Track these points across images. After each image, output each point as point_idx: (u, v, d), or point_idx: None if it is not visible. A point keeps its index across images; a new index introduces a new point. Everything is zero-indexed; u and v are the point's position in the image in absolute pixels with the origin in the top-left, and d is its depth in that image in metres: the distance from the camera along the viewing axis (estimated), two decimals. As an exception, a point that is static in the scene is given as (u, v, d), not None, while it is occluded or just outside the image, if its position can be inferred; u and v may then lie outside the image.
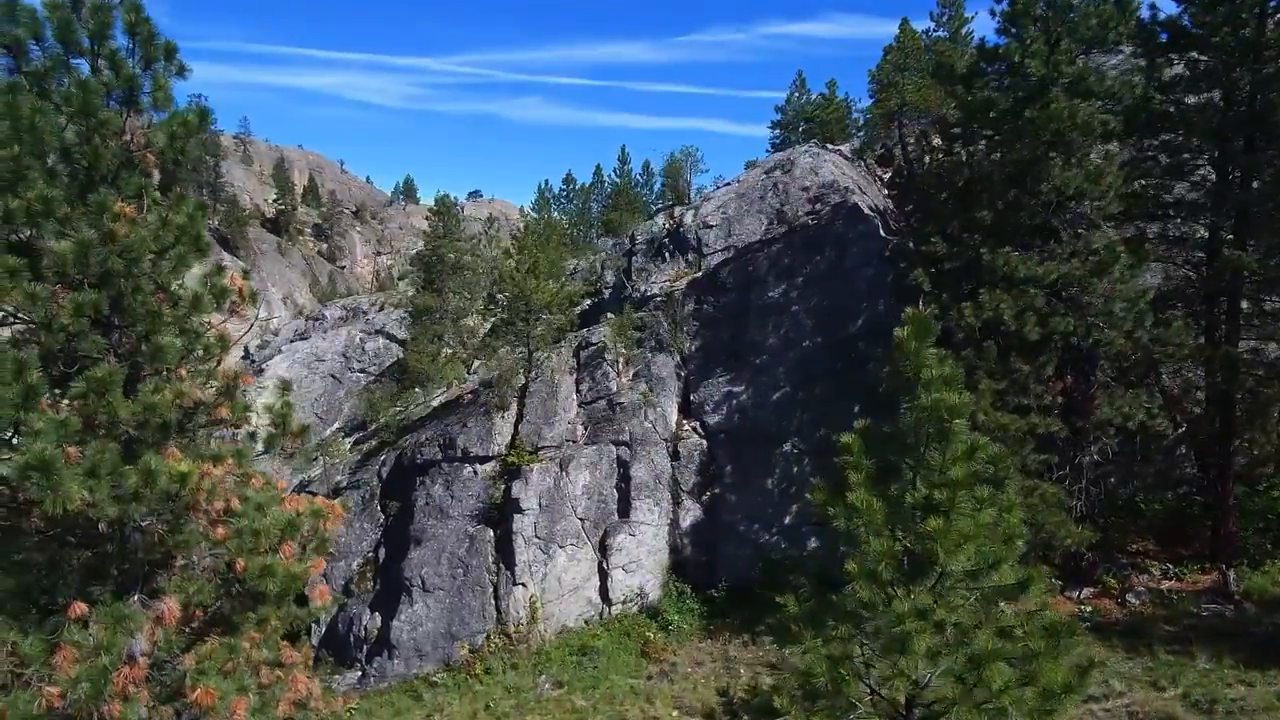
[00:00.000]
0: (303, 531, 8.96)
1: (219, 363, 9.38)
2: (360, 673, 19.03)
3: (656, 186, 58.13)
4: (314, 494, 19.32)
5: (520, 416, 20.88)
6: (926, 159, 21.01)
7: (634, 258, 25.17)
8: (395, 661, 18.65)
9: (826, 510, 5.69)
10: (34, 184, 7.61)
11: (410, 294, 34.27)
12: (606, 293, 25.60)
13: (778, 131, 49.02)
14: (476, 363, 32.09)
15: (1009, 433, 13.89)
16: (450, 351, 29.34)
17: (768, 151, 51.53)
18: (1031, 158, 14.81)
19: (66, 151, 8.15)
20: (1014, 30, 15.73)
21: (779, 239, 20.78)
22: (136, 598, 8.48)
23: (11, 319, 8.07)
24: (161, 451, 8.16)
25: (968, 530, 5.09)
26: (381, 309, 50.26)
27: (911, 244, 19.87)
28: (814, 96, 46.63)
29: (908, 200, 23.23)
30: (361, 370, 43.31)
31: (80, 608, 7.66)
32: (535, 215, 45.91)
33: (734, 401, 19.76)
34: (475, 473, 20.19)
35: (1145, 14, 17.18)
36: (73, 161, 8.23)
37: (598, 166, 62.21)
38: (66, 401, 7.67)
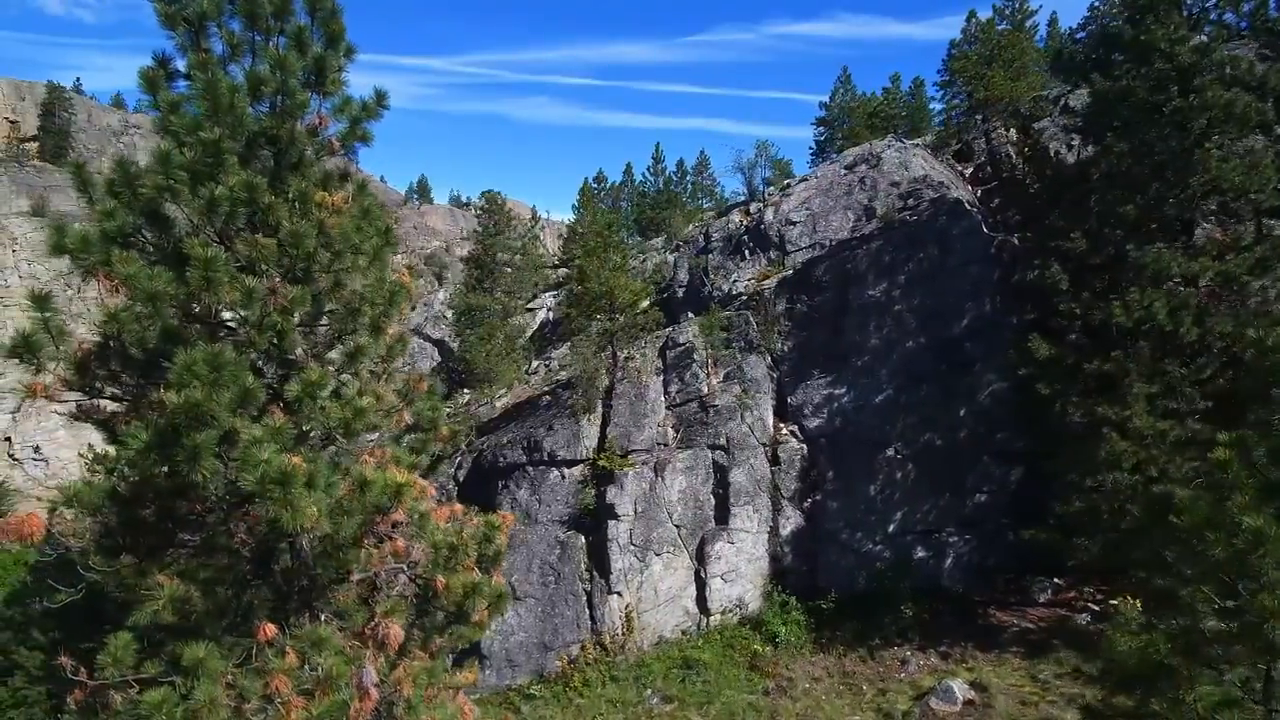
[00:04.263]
0: (496, 544, 8.38)
1: (392, 363, 8.81)
2: (449, 683, 18.42)
3: (688, 185, 57.48)
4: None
5: (606, 419, 20.23)
6: (1026, 151, 20.25)
7: (709, 255, 24.49)
8: (486, 672, 18.01)
9: (1200, 534, 5.02)
10: (233, 170, 7.01)
11: (463, 292, 33.73)
12: (680, 291, 24.92)
13: (821, 129, 48.34)
14: (536, 362, 31.51)
15: (1166, 440, 13.16)
16: (514, 351, 28.73)
17: (811, 150, 50.81)
18: (1180, 149, 14.08)
19: (252, 137, 7.53)
20: (1153, 18, 14.98)
21: (877, 235, 20.06)
22: (322, 617, 7.90)
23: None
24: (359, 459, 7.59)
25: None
26: (414, 308, 49.68)
27: (1018, 239, 19.15)
28: (861, 94, 45.81)
29: (997, 194, 22.45)
30: (396, 370, 42.48)
31: (269, 629, 7.07)
32: (580, 213, 45.24)
33: (834, 404, 19.06)
34: (563, 476, 19.56)
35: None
36: (257, 147, 7.63)
37: (628, 165, 61.48)
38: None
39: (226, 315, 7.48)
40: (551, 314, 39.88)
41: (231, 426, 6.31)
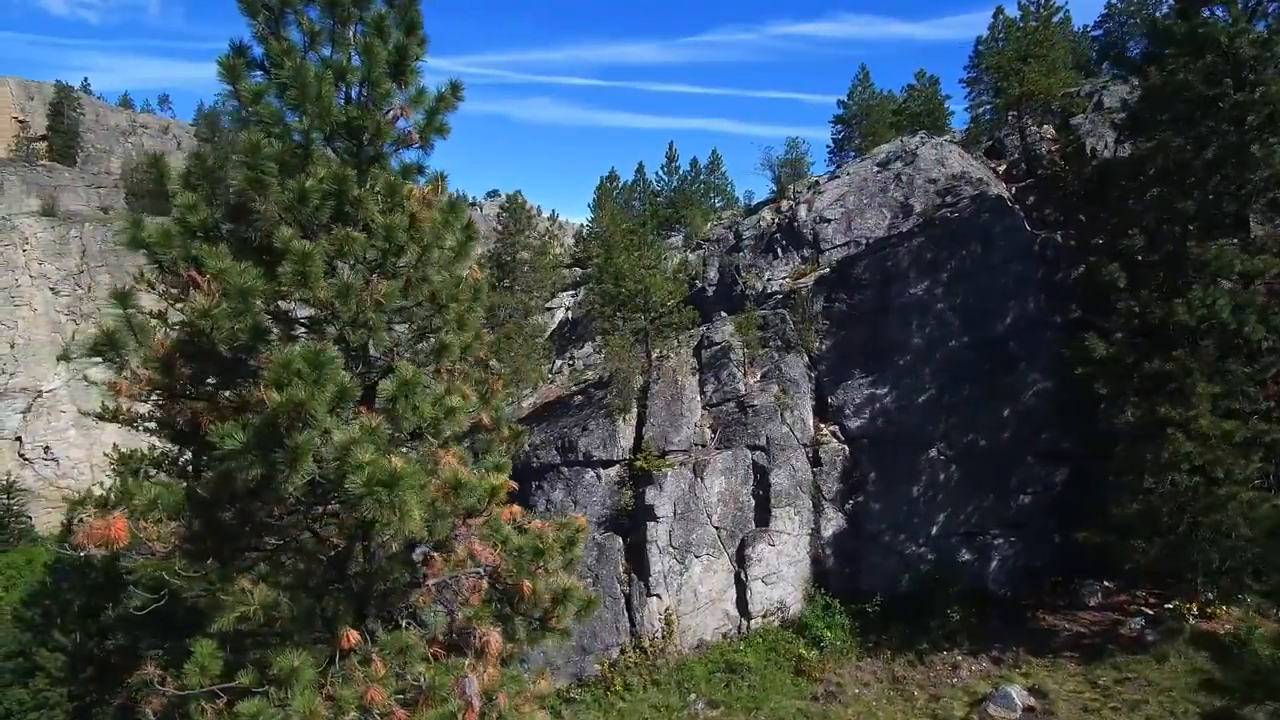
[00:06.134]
0: (577, 550, 8.14)
1: (470, 362, 8.57)
2: (486, 687, 18.19)
3: (700, 185, 57.23)
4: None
5: (642, 418, 20.00)
6: (1065, 148, 19.97)
7: (740, 253, 24.23)
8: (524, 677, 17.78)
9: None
10: (321, 161, 6.78)
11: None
12: (711, 290, 24.66)
13: (839, 127, 48.08)
14: (559, 362, 31.26)
15: (1231, 440, 12.89)
16: (535, 351, 28.54)
17: (828, 148, 50.56)
18: (1239, 143, 13.81)
19: (334, 129, 7.28)
20: (1208, 11, 14.73)
21: (917, 232, 19.79)
22: (403, 623, 7.67)
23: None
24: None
25: None
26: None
27: (1060, 237, 18.88)
28: (878, 92, 45.56)
29: (1032, 192, 22.16)
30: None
31: (353, 636, 6.84)
32: (597, 212, 45.02)
33: (875, 404, 18.79)
34: (599, 477, 19.33)
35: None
36: (336, 139, 7.39)
37: (640, 164, 61.20)
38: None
39: (301, 312, 7.28)
40: (570, 313, 39.70)
41: (326, 426, 6.08)
